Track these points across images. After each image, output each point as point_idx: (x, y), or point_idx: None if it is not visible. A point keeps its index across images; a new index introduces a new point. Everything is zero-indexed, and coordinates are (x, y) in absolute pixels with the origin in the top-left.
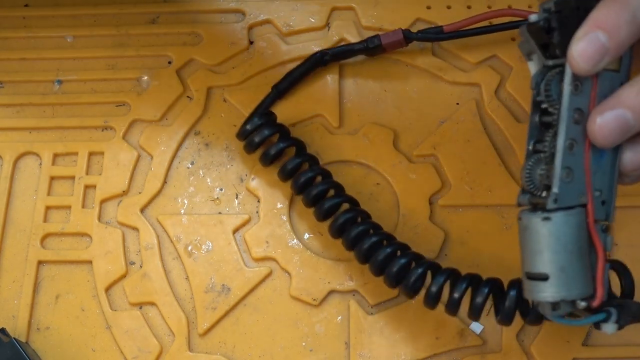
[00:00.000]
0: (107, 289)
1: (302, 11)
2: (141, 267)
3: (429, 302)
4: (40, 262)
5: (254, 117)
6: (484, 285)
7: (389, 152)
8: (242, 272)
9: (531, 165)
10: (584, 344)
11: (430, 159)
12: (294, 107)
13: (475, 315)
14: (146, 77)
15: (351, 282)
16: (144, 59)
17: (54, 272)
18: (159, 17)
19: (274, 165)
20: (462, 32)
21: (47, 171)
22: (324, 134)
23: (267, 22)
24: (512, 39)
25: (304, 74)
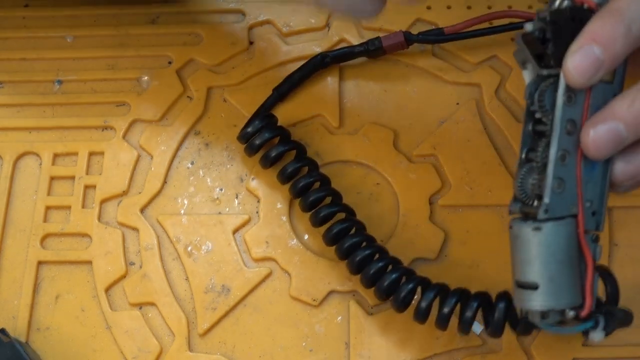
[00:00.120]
0: (107, 289)
1: (302, 12)
2: (141, 267)
3: (418, 317)
4: (40, 262)
5: (255, 120)
6: (472, 299)
7: (389, 152)
8: (242, 273)
9: (523, 174)
10: (584, 344)
11: (430, 159)
12: (294, 107)
13: (465, 329)
14: (146, 77)
15: (351, 283)
16: (144, 59)
17: (53, 273)
18: (159, 17)
19: (274, 167)
20: (463, 34)
21: (47, 171)
22: (324, 134)
23: (267, 22)
24: (512, 39)
25: (304, 76)
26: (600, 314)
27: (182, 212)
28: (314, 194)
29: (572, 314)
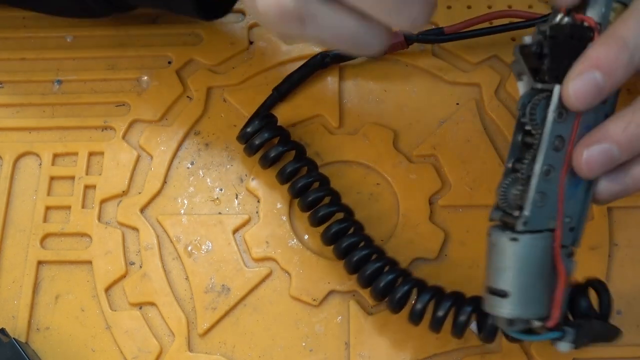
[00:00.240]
0: (107, 289)
1: None
2: (141, 267)
3: (413, 319)
4: (40, 262)
5: (255, 120)
6: (467, 303)
7: (389, 152)
8: (242, 272)
9: (507, 184)
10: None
11: (430, 159)
12: (294, 107)
13: (458, 333)
14: (146, 77)
15: (351, 282)
16: (144, 59)
17: (53, 272)
18: (159, 17)
19: (274, 167)
20: (463, 34)
21: (47, 171)
22: (324, 134)
23: None
24: (512, 39)
25: (304, 76)
26: (570, 326)
27: (182, 212)
28: (312, 194)
29: (538, 324)
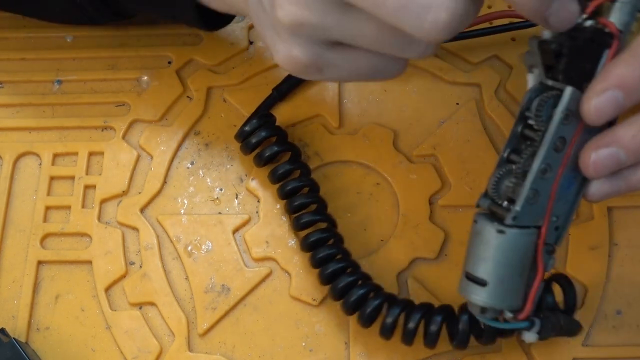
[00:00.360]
0: (107, 289)
1: None
2: (141, 267)
3: (384, 333)
4: (40, 262)
5: (253, 119)
6: (436, 313)
7: (389, 152)
8: (242, 272)
9: (501, 174)
10: (584, 344)
11: (430, 159)
12: (294, 107)
13: (430, 344)
14: (146, 77)
15: None
16: (144, 59)
17: (53, 272)
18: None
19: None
20: (463, 34)
21: (47, 171)
22: (324, 134)
23: None
24: (512, 39)
25: None
26: (537, 317)
27: (182, 212)
28: (298, 200)
29: (509, 315)
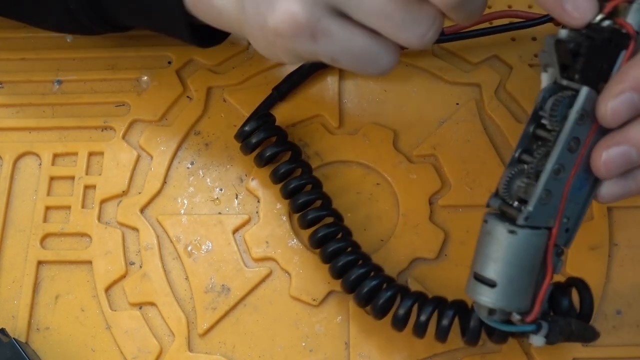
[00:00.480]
0: (107, 289)
1: None
2: (141, 267)
3: (396, 324)
4: (40, 262)
5: (252, 119)
6: (449, 307)
7: (389, 152)
8: (242, 272)
9: (512, 174)
10: (584, 344)
11: (430, 159)
12: (294, 107)
13: (442, 338)
14: (146, 77)
15: None
16: (144, 59)
17: (53, 272)
18: None
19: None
20: (463, 34)
21: (46, 171)
22: (324, 134)
23: None
24: (512, 39)
25: (304, 76)
26: (545, 321)
27: (182, 212)
28: (303, 196)
29: (517, 317)
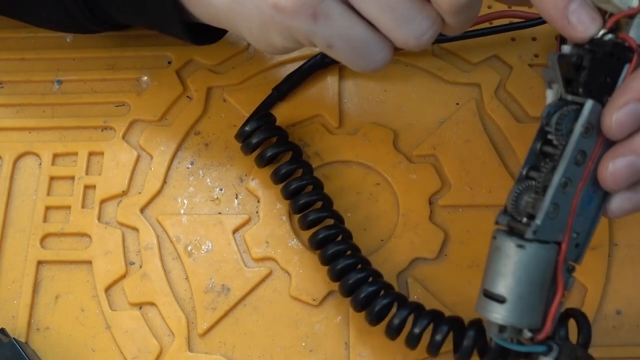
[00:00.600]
0: (107, 289)
1: None
2: (141, 267)
3: (390, 333)
4: (39, 262)
5: (253, 119)
6: (444, 322)
7: (389, 152)
8: (242, 272)
9: (520, 190)
10: None
11: (430, 159)
12: (294, 107)
13: (433, 352)
14: (146, 77)
15: None
16: (144, 59)
17: (53, 272)
18: None
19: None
20: (463, 34)
21: (46, 171)
22: (324, 134)
23: None
24: (512, 39)
25: (304, 76)
26: (556, 343)
27: (182, 212)
28: (303, 197)
29: (529, 334)
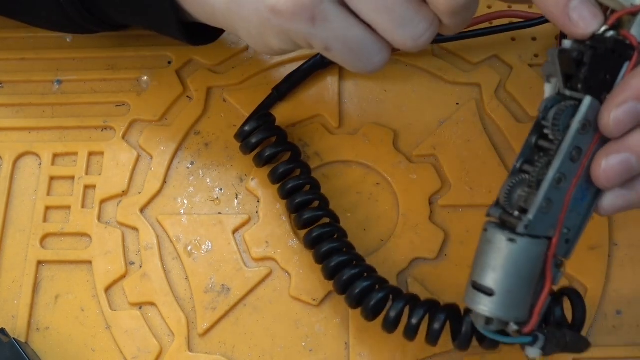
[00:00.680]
0: (107, 289)
1: None
2: (141, 267)
3: (386, 326)
4: (39, 262)
5: (252, 119)
6: (441, 311)
7: (389, 152)
8: (242, 272)
9: (513, 183)
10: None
11: (430, 159)
12: (294, 107)
13: (432, 342)
14: (146, 77)
15: None
16: (143, 59)
17: (53, 272)
18: None
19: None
20: (463, 34)
21: (46, 171)
22: (324, 134)
23: None
24: (512, 39)
25: (304, 76)
26: (541, 332)
27: (182, 212)
28: (299, 197)
29: (515, 327)
